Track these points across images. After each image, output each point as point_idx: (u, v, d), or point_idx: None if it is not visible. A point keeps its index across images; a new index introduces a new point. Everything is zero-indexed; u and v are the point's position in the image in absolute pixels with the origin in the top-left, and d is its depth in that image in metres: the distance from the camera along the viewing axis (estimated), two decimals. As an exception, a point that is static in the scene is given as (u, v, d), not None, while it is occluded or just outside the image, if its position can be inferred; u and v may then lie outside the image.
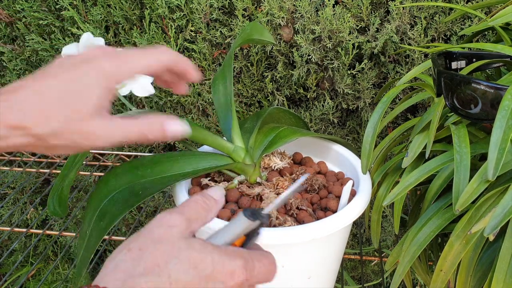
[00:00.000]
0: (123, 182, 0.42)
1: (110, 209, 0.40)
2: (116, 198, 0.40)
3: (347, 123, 0.79)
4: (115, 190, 0.41)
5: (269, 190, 0.45)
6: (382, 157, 0.50)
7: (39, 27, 0.81)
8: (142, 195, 0.40)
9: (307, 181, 0.48)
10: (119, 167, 0.44)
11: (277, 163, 0.50)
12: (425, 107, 0.74)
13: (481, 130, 0.42)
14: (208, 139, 0.46)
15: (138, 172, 0.43)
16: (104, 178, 0.43)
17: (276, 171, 0.50)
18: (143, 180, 0.42)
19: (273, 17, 0.69)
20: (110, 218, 0.39)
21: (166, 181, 0.42)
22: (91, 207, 0.41)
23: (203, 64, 0.76)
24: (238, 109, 0.79)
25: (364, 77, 0.71)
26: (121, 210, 0.39)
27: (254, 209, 0.30)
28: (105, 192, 0.41)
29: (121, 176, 0.42)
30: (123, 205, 0.39)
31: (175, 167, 0.43)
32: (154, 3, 0.73)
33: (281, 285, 0.42)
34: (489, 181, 0.33)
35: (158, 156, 0.45)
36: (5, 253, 0.68)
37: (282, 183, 0.46)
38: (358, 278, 0.94)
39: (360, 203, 0.43)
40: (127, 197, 0.40)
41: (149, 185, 0.41)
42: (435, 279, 0.37)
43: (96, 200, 0.41)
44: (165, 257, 0.25)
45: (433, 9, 0.66)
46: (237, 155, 0.46)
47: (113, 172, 0.43)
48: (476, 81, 0.35)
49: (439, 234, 0.41)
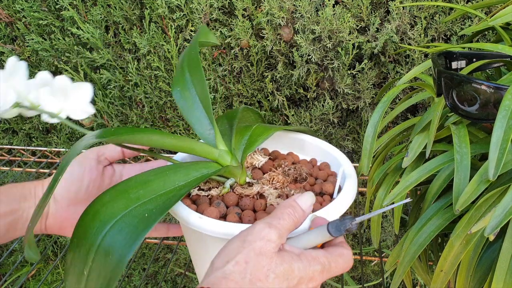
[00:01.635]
0: (117, 210, 0.37)
1: (116, 240, 0.35)
2: (118, 228, 0.35)
3: (347, 123, 0.79)
4: (112, 220, 0.36)
5: (268, 187, 0.45)
6: (382, 157, 0.50)
7: (39, 27, 0.81)
8: (152, 218, 0.36)
9: (296, 171, 0.48)
10: (104, 195, 0.38)
11: (260, 160, 0.51)
12: (425, 107, 0.74)
13: (481, 130, 0.42)
14: (195, 147, 0.44)
15: (130, 195, 0.38)
16: (88, 211, 0.37)
17: (259, 169, 0.51)
18: (141, 202, 0.38)
19: (273, 17, 0.69)
20: (121, 250, 0.34)
21: (166, 199, 0.39)
22: (81, 247, 0.35)
23: (203, 64, 0.76)
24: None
25: (364, 77, 0.71)
26: (135, 238, 0.34)
27: (339, 222, 0.32)
28: (98, 225, 0.36)
29: (111, 204, 0.37)
30: (133, 233, 0.35)
31: (168, 183, 0.40)
32: (154, 3, 0.73)
33: None
34: (489, 181, 0.33)
35: (144, 175, 0.41)
36: (5, 253, 0.68)
37: (277, 177, 0.47)
38: (358, 278, 0.94)
39: (353, 184, 0.45)
40: (136, 223, 0.36)
41: (152, 206, 0.38)
42: (435, 279, 0.37)
43: (87, 237, 0.36)
44: (265, 271, 0.30)
45: (433, 9, 0.66)
46: (223, 159, 0.45)
47: (98, 203, 0.38)
48: (476, 81, 0.35)
49: (439, 234, 0.41)
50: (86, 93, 0.38)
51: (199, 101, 0.47)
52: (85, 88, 0.38)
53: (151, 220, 0.36)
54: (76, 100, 0.37)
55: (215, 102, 0.80)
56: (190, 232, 0.43)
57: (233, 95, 0.79)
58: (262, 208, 0.44)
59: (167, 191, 0.39)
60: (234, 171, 0.46)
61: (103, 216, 0.36)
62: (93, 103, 0.84)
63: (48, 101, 0.36)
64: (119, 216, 0.36)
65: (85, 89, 0.38)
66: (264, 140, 0.48)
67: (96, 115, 0.85)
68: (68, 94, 0.37)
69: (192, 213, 0.40)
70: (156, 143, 0.41)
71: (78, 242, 0.36)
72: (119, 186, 0.39)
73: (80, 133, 0.89)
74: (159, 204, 0.38)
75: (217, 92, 0.79)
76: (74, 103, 0.37)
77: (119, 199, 0.38)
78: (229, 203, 0.44)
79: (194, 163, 0.44)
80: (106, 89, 0.83)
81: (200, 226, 0.39)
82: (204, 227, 0.38)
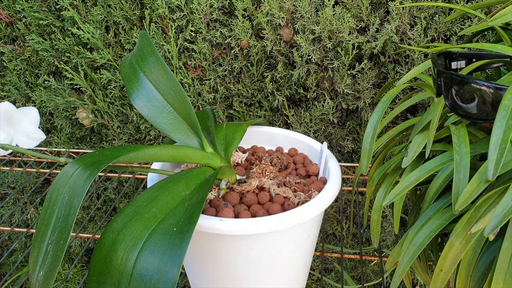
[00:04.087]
0: (139, 232, 0.34)
1: (151, 262, 0.32)
2: (150, 250, 0.33)
3: (347, 123, 0.79)
4: (138, 243, 0.33)
5: (266, 179, 0.46)
6: (382, 157, 0.50)
7: (39, 27, 0.81)
8: (184, 229, 0.34)
9: (279, 160, 0.51)
10: (113, 223, 0.35)
11: (241, 156, 0.53)
12: (425, 107, 0.74)
13: (481, 130, 0.42)
14: (189, 154, 0.43)
15: (144, 216, 0.36)
16: (102, 243, 0.34)
17: (241, 165, 0.53)
18: (160, 220, 0.35)
19: (273, 17, 0.69)
20: (162, 270, 0.32)
21: (185, 209, 0.36)
22: (106, 283, 0.32)
23: (203, 64, 0.76)
24: (238, 109, 0.79)
25: (364, 77, 0.71)
26: (175, 253, 0.32)
27: None
28: (122, 253, 0.33)
29: (128, 229, 0.35)
30: (171, 249, 0.32)
31: (174, 196, 0.39)
32: (154, 3, 0.73)
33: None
34: (489, 181, 0.33)
35: (147, 193, 0.39)
36: (5, 253, 0.68)
37: (268, 168, 0.48)
38: (358, 278, 0.94)
39: (337, 168, 0.49)
40: (169, 240, 0.33)
41: (174, 220, 0.35)
42: (435, 279, 0.37)
43: (112, 269, 0.33)
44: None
45: (433, 9, 0.66)
46: (214, 162, 0.45)
47: (110, 232, 0.35)
48: (476, 81, 0.35)
49: (439, 234, 0.41)
50: (33, 124, 0.35)
51: (168, 104, 0.45)
52: (32, 113, 0.35)
53: (184, 231, 0.33)
54: (24, 126, 0.34)
55: (215, 102, 0.80)
56: (205, 239, 0.42)
57: (233, 95, 0.79)
58: (267, 199, 0.44)
59: (179, 202, 0.38)
60: (226, 171, 0.46)
61: (124, 243, 0.34)
62: (93, 103, 0.84)
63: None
64: (145, 238, 0.34)
65: (32, 114, 0.35)
66: (242, 136, 0.50)
67: (96, 115, 0.85)
68: (14, 120, 0.34)
69: (212, 218, 0.39)
70: (155, 157, 0.40)
71: (100, 279, 0.33)
72: (126, 210, 0.37)
73: (80, 134, 0.89)
74: (181, 216, 0.36)
75: (217, 92, 0.79)
76: (23, 130, 0.34)
77: (134, 222, 0.35)
78: (233, 202, 0.44)
79: (189, 171, 0.43)
80: (106, 89, 0.83)
81: (225, 228, 0.39)
82: (231, 228, 0.39)
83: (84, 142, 0.91)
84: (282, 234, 0.41)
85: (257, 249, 0.41)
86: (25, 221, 0.98)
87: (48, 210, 0.34)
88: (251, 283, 0.44)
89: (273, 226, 0.39)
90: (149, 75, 0.45)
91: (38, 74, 0.87)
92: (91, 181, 0.33)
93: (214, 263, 0.43)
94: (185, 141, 0.45)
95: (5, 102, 0.34)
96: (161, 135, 0.86)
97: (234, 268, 0.43)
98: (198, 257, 0.44)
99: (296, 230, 0.42)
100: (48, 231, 0.33)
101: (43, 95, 0.85)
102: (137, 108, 0.44)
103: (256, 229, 0.38)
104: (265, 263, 0.42)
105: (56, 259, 0.32)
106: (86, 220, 0.71)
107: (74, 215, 0.32)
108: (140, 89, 0.44)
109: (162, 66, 0.43)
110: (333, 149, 0.81)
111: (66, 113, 0.87)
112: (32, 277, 0.33)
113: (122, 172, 0.80)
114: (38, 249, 0.33)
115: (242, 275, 0.43)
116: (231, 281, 0.44)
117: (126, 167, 0.44)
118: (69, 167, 0.35)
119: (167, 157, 0.41)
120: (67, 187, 0.34)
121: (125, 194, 0.94)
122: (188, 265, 0.47)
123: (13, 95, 0.87)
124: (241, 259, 0.42)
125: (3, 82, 0.88)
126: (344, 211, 0.88)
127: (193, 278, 0.48)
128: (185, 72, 0.77)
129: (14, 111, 0.34)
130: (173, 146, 0.42)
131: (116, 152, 0.37)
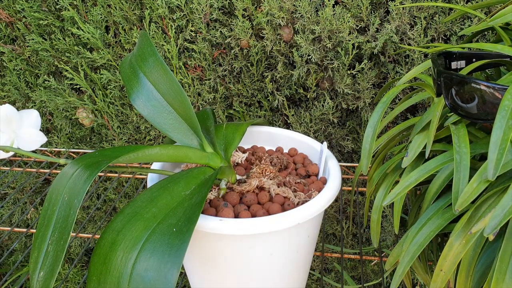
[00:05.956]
0: (139, 232, 0.34)
1: (151, 263, 0.32)
2: (149, 250, 0.33)
3: (347, 123, 0.79)
4: (137, 244, 0.33)
5: (266, 179, 0.46)
6: (382, 157, 0.50)
7: (39, 27, 0.81)
8: (184, 230, 0.33)
9: (279, 160, 0.51)
10: (113, 223, 0.35)
11: (241, 156, 0.53)
12: (425, 107, 0.74)
13: (481, 130, 0.42)
14: (189, 154, 0.42)
15: (144, 216, 0.36)
16: (102, 243, 0.34)
17: (241, 165, 0.52)
18: (159, 220, 0.35)
19: (273, 17, 0.69)
20: (161, 271, 0.32)
21: (184, 210, 0.36)
22: (105, 282, 0.32)
23: (203, 64, 0.76)
24: (238, 109, 0.79)
25: (364, 77, 0.71)
26: (174, 254, 0.32)
27: None
28: (122, 254, 0.33)
29: (128, 229, 0.34)
30: (171, 250, 0.32)
31: (174, 196, 0.39)
32: (154, 3, 0.73)
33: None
34: (489, 181, 0.33)
35: (147, 194, 0.38)
36: (5, 253, 0.68)
37: (268, 168, 0.48)
38: (358, 278, 0.94)
39: (337, 168, 0.49)
40: (168, 240, 0.33)
41: (174, 220, 0.35)
42: (435, 279, 0.37)
43: (111, 269, 0.32)
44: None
45: (433, 9, 0.66)
46: (214, 162, 0.45)
47: (109, 232, 0.34)
48: (476, 81, 0.35)
49: (439, 234, 0.41)
50: (34, 127, 0.35)
51: (168, 104, 0.44)
52: (33, 116, 0.35)
53: (183, 232, 0.33)
54: (25, 128, 0.34)
55: (215, 102, 0.80)
56: (205, 239, 0.42)
57: (233, 95, 0.79)
58: (267, 199, 0.44)
59: (179, 202, 0.38)
60: (226, 171, 0.46)
61: (123, 243, 0.33)
62: (93, 103, 0.84)
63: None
64: (144, 239, 0.34)
65: (33, 117, 0.35)
66: (242, 136, 0.49)
67: (96, 115, 0.86)
68: (15, 123, 0.34)
69: (212, 218, 0.39)
70: (155, 157, 0.40)
71: (100, 278, 0.33)
72: (126, 210, 0.37)
73: (80, 134, 0.89)
74: (181, 216, 0.35)
75: (217, 92, 0.79)
76: (24, 132, 0.34)
77: (134, 222, 0.35)
78: (233, 202, 0.44)
79: (189, 172, 0.43)
80: (106, 89, 0.83)
81: (225, 228, 0.39)
82: (231, 228, 0.39)
83: (84, 142, 0.91)
84: (282, 234, 0.41)
85: (257, 249, 0.41)
86: (25, 221, 0.98)
87: (48, 211, 0.34)
88: (251, 283, 0.44)
89: (273, 226, 0.39)
90: (149, 75, 0.45)
91: (38, 74, 0.87)
92: (91, 181, 0.33)
93: (214, 263, 0.43)
94: (185, 141, 0.45)
95: (6, 105, 0.34)
96: (161, 135, 0.86)
97: (234, 268, 0.43)
98: (198, 257, 0.44)
99: (296, 230, 0.42)
100: (48, 232, 0.33)
101: (43, 95, 0.85)
102: (137, 108, 0.44)
103: (256, 229, 0.38)
104: (265, 263, 0.42)
105: (56, 259, 0.32)
106: (86, 220, 0.71)
107: (74, 216, 0.32)
108: (140, 89, 0.44)
109: (162, 66, 0.43)
110: (333, 149, 0.81)
111: (66, 113, 0.87)
112: (33, 278, 0.33)
113: (122, 172, 0.80)
114: (38, 250, 0.33)
115: (242, 275, 0.43)
116: (231, 281, 0.44)
117: (126, 168, 0.44)
118: (69, 167, 0.35)
119: (167, 157, 0.41)
120: (67, 187, 0.34)
121: (125, 194, 0.94)
122: (188, 265, 0.47)
123: (13, 95, 0.87)
124: (241, 259, 0.42)
125: (3, 82, 0.88)
126: (344, 211, 0.88)
127: (193, 278, 0.48)
128: (185, 72, 0.77)
129: (15, 113, 0.34)
130: (173, 146, 0.41)
131: (116, 152, 0.37)
